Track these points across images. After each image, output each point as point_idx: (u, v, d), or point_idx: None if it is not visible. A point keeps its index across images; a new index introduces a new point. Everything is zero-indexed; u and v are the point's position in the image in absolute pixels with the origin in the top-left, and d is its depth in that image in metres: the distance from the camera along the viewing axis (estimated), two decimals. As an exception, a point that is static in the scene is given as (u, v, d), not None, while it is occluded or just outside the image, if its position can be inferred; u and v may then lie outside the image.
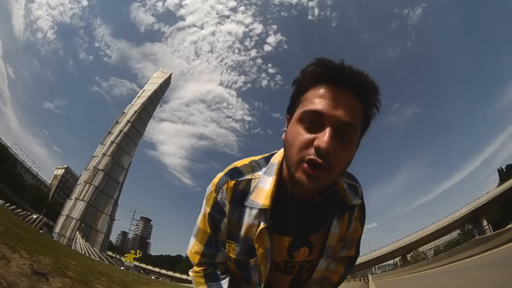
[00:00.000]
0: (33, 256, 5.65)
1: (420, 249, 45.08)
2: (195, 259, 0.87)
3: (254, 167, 0.81)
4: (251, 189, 0.77)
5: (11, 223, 11.48)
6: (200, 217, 0.85)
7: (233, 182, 0.78)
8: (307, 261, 0.86)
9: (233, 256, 0.81)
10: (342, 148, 0.63)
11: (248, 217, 0.76)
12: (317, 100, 0.63)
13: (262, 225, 0.74)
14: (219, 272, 0.87)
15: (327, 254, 0.84)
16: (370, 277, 30.22)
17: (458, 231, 43.98)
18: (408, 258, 44.45)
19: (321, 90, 0.64)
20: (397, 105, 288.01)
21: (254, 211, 0.75)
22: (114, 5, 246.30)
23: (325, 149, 0.58)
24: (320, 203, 0.78)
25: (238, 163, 0.84)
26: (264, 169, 0.80)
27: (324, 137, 0.59)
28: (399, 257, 46.38)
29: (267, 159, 0.83)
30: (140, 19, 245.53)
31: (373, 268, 55.79)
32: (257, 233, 0.74)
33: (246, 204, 0.76)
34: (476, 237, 20.79)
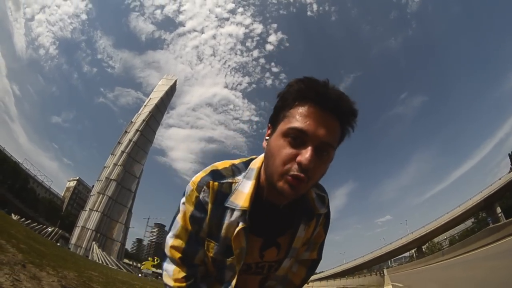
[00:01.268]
0: (59, 272, 5.97)
1: (436, 239, 44.35)
2: (175, 255, 0.88)
3: (234, 171, 0.87)
4: (232, 192, 0.83)
5: (31, 239, 11.85)
6: (180, 215, 0.88)
7: (216, 183, 0.83)
8: (275, 261, 0.94)
9: (211, 255, 0.87)
10: (320, 162, 0.71)
11: (229, 218, 0.82)
12: (302, 119, 0.69)
13: (241, 225, 0.80)
14: (201, 285, 0.89)
15: (292, 255, 0.94)
16: (385, 271, 30.10)
17: (473, 219, 43.22)
18: (423, 249, 43.85)
19: (306, 110, 0.70)
20: (403, 95, 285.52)
21: (235, 213, 0.81)
22: (113, 16, 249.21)
23: (307, 165, 0.66)
24: (289, 208, 0.87)
25: (219, 165, 0.89)
26: (243, 173, 0.86)
27: (306, 155, 0.67)
28: (415, 249, 45.71)
29: (246, 164, 0.89)
30: (140, 28, 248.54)
31: (389, 261, 55.27)
32: (235, 233, 0.80)
33: (226, 205, 0.82)
34: (490, 226, 20.54)
